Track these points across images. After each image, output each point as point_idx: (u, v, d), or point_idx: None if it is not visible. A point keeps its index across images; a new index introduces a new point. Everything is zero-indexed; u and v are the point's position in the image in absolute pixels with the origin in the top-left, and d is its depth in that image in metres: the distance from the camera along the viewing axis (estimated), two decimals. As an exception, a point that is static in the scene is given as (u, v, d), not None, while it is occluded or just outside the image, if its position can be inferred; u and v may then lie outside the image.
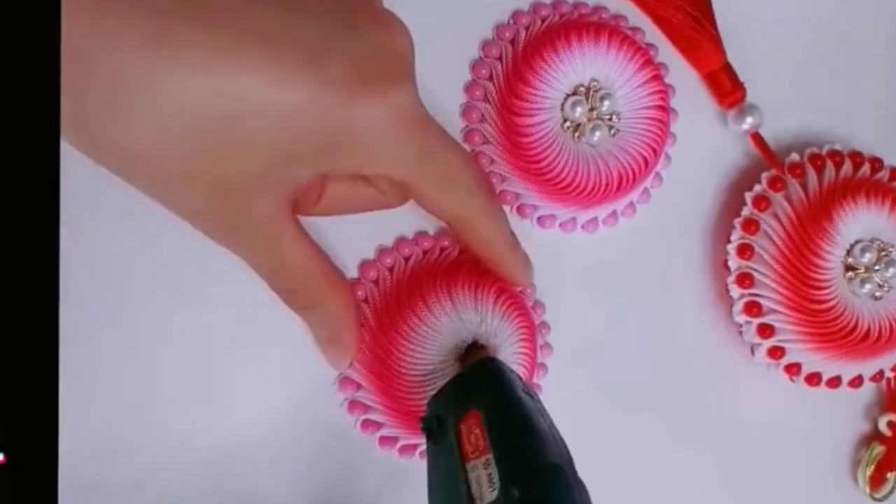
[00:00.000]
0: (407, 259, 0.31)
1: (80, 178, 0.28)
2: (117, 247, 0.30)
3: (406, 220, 0.31)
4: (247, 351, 0.30)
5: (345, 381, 0.30)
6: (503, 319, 0.29)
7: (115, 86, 0.21)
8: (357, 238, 0.31)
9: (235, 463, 0.30)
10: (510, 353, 0.30)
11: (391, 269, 0.31)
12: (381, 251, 0.31)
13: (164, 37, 0.21)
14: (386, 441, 0.31)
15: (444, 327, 0.29)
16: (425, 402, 0.29)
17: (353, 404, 0.31)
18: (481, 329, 0.29)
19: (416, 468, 0.27)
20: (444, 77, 0.26)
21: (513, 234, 0.29)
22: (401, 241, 0.31)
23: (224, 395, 0.30)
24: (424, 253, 0.31)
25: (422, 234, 0.32)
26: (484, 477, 0.22)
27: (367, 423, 0.31)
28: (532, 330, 0.30)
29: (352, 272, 0.31)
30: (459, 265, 0.30)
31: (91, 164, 0.23)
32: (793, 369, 0.33)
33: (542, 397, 0.32)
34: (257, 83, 0.22)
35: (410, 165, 0.25)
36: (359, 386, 0.30)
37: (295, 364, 0.30)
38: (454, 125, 0.32)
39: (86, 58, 0.21)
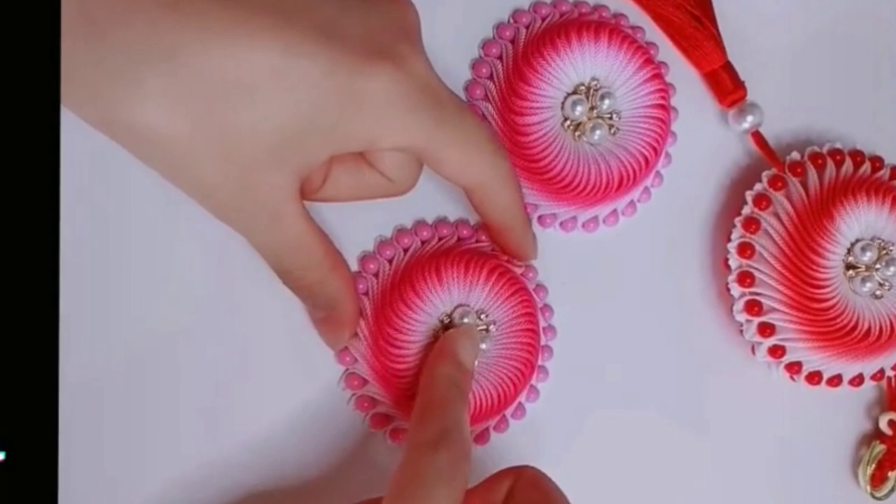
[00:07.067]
0: (406, 250, 0.31)
1: (82, 166, 0.29)
2: (122, 242, 0.30)
3: (405, 210, 0.31)
4: (252, 349, 0.30)
5: (350, 377, 0.30)
6: (496, 293, 0.29)
7: (133, 55, 0.21)
8: (357, 228, 0.31)
9: (242, 461, 0.30)
10: (512, 331, 0.30)
11: (390, 261, 0.31)
12: (381, 243, 0.31)
13: (178, 3, 0.21)
14: (396, 435, 0.31)
15: (433, 309, 0.29)
16: None
17: (361, 400, 0.31)
18: (469, 300, 0.29)
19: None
20: (444, 76, 0.26)
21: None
22: (400, 231, 0.31)
23: (229, 394, 0.30)
24: (423, 243, 0.31)
25: (420, 223, 0.32)
26: None
27: (376, 418, 0.31)
28: (531, 304, 0.30)
29: (351, 263, 0.31)
30: (451, 248, 0.30)
31: (94, 148, 0.23)
32: (793, 368, 0.33)
33: (545, 387, 0.32)
34: (272, 52, 0.22)
35: (429, 131, 0.25)
36: (364, 381, 0.30)
37: (300, 362, 0.31)
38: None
39: (101, 28, 0.21)
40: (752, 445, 0.34)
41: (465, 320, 0.30)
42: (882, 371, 0.34)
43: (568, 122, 0.32)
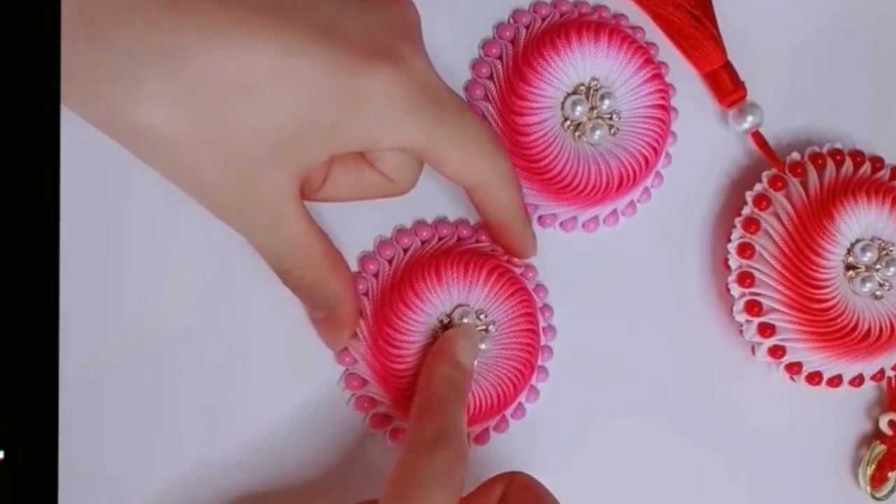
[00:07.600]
0: (406, 250, 0.31)
1: (82, 166, 0.29)
2: (122, 242, 0.30)
3: (405, 210, 0.31)
4: (252, 350, 0.30)
5: (350, 377, 0.30)
6: (496, 293, 0.29)
7: (133, 55, 0.21)
8: (357, 228, 0.31)
9: (242, 461, 0.30)
10: (512, 331, 0.30)
11: (390, 261, 0.31)
12: (381, 243, 0.31)
13: (178, 3, 0.21)
14: (396, 435, 0.31)
15: (432, 309, 0.29)
16: None
17: (361, 400, 0.31)
18: (469, 300, 0.29)
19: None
20: (444, 76, 0.26)
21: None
22: (400, 231, 0.31)
23: (229, 394, 0.30)
24: (423, 243, 0.31)
25: (420, 223, 0.32)
26: None
27: (376, 418, 0.31)
28: (531, 304, 0.30)
29: (351, 263, 0.31)
30: (450, 248, 0.30)
31: (94, 148, 0.23)
32: (793, 368, 0.33)
33: (545, 387, 0.32)
34: (272, 52, 0.22)
35: (429, 131, 0.25)
36: (364, 382, 0.30)
37: (300, 362, 0.31)
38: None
39: (101, 28, 0.21)
40: (752, 446, 0.34)
41: (465, 320, 0.30)
42: (882, 371, 0.34)
43: (568, 123, 0.32)
